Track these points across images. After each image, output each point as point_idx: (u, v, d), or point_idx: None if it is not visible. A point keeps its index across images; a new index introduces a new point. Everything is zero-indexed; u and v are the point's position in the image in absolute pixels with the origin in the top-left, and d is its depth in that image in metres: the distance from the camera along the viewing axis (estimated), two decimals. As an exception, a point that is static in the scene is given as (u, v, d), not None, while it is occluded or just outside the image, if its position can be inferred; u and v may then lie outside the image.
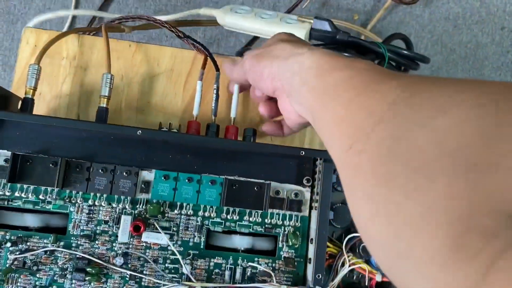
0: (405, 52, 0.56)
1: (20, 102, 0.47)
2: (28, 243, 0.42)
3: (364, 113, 0.24)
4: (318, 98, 0.29)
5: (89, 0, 0.86)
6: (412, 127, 0.21)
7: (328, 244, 0.43)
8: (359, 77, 0.26)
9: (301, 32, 0.56)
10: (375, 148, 0.22)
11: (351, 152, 0.23)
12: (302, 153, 0.43)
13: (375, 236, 0.22)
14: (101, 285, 0.42)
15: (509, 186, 0.17)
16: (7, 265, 0.41)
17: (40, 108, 0.51)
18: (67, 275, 0.42)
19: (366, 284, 0.44)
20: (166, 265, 0.43)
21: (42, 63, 0.48)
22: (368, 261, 0.44)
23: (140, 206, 0.43)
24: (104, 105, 0.47)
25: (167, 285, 0.41)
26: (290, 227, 0.44)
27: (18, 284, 0.41)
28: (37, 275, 0.41)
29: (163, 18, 0.62)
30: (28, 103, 0.46)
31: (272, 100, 0.44)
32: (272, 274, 0.43)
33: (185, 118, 0.53)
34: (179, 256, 0.42)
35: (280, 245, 0.44)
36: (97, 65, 0.53)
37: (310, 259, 0.43)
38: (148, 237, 0.42)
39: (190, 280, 0.42)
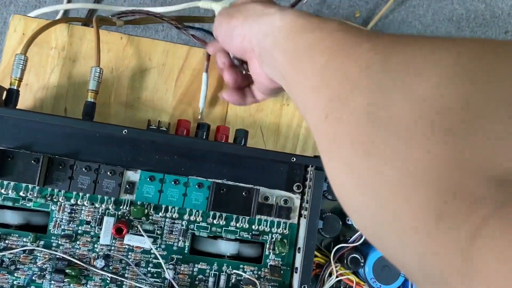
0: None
1: (4, 93, 0.45)
2: (6, 241, 0.40)
3: (339, 79, 0.23)
4: (290, 61, 0.28)
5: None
6: (389, 93, 0.20)
7: (316, 253, 0.42)
8: (331, 38, 0.26)
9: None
10: (352, 117, 0.21)
11: (328, 121, 0.23)
12: (293, 159, 0.42)
13: (357, 207, 0.22)
14: (80, 287, 0.40)
15: (489, 148, 0.16)
16: (-16, 263, 0.40)
17: (26, 99, 0.50)
18: (46, 276, 0.40)
19: (353, 295, 0.43)
20: (149, 269, 0.42)
21: (30, 52, 0.46)
22: (356, 273, 0.43)
23: (124, 207, 0.42)
24: (92, 100, 0.46)
25: (148, 289, 0.40)
26: (277, 234, 0.43)
27: (-5, 283, 0.40)
28: (15, 275, 0.40)
29: (160, 10, 0.60)
30: (13, 94, 0.44)
31: (236, 68, 0.42)
32: (257, 282, 0.42)
33: (176, 115, 0.51)
34: (161, 261, 0.41)
35: (267, 253, 0.43)
36: (87, 57, 0.51)
37: (296, 268, 0.42)
38: (130, 240, 0.41)
39: (172, 286, 0.41)
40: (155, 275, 0.41)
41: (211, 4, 0.60)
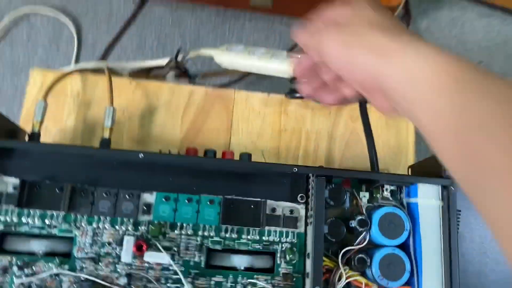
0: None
1: (27, 136, 0.49)
2: (34, 268, 0.43)
3: None
4: (446, 126, 0.23)
5: (89, 50, 0.92)
6: None
7: (324, 258, 0.45)
8: None
9: (290, 66, 0.60)
10: None
11: None
12: (295, 169, 0.46)
13: None
14: (104, 307, 0.43)
15: None
16: (13, 291, 0.42)
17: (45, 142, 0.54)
18: (72, 297, 0.43)
19: (364, 297, 0.45)
20: (168, 285, 0.44)
21: (47, 101, 0.51)
22: (363, 274, 0.45)
23: (142, 228, 0.45)
24: (107, 137, 0.50)
25: (169, 303, 0.42)
26: (287, 243, 0.46)
27: (24, 308, 0.42)
28: (42, 299, 0.42)
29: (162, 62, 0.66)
30: (34, 136, 0.49)
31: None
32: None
33: (183, 147, 0.55)
34: (181, 276, 0.43)
35: (278, 262, 0.46)
36: (100, 101, 0.56)
37: (307, 273, 0.44)
38: (150, 256, 0.43)
39: (191, 297, 0.43)
40: (174, 290, 0.44)
41: (210, 51, 0.66)
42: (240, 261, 0.46)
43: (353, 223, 0.46)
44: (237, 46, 0.66)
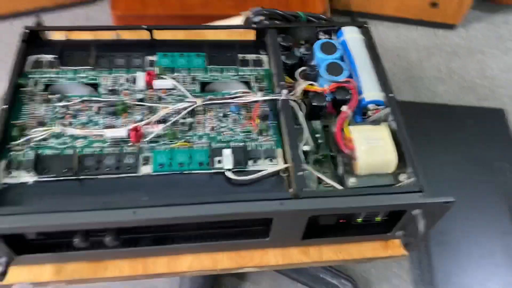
0: (317, 14, 0.84)
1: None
2: (69, 101, 0.57)
3: None
4: None
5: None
6: None
7: (286, 78, 0.61)
8: None
9: (243, 17, 0.83)
10: None
11: None
12: (254, 26, 0.65)
13: None
14: (127, 118, 0.56)
15: None
16: (55, 115, 0.55)
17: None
18: (101, 114, 0.56)
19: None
20: (174, 98, 0.58)
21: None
22: (315, 80, 0.61)
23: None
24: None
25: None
26: (257, 74, 0.62)
27: (64, 123, 0.55)
28: (78, 117, 0.55)
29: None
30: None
31: None
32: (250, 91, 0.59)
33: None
34: (183, 89, 0.58)
35: (252, 86, 0.61)
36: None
37: (273, 83, 0.60)
38: (158, 83, 0.58)
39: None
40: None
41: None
42: (224, 89, 0.61)
43: (301, 51, 0.63)
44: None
